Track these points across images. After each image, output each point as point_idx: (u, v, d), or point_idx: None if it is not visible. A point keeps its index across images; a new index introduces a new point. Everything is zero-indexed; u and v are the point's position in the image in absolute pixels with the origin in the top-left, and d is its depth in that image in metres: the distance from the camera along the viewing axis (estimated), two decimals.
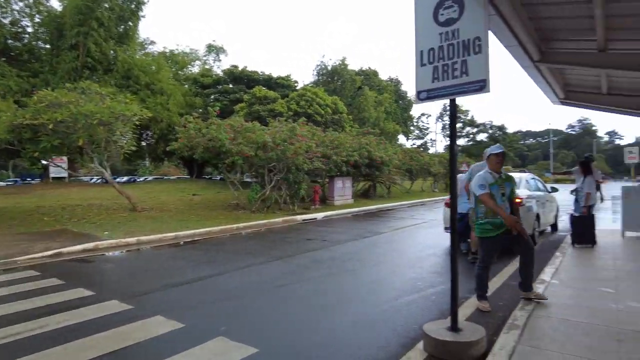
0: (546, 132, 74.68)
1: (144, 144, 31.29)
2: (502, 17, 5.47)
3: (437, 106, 74.35)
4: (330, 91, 35.60)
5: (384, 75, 53.19)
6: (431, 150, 56.79)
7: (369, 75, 47.82)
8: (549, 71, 8.87)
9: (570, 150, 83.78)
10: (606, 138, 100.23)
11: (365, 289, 5.54)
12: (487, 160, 4.61)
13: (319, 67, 41.90)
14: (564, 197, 11.11)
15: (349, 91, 39.77)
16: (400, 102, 53.91)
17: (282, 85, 32.56)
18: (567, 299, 4.55)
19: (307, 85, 33.91)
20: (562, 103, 11.69)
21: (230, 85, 33.13)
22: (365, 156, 19.27)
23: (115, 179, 31.72)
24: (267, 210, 14.39)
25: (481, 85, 3.22)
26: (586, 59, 7.29)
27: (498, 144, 4.77)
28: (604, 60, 7.29)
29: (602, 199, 8.75)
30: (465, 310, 4.47)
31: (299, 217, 13.44)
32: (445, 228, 8.77)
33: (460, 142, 67.67)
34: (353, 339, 3.78)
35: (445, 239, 8.71)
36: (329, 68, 41.09)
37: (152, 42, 36.46)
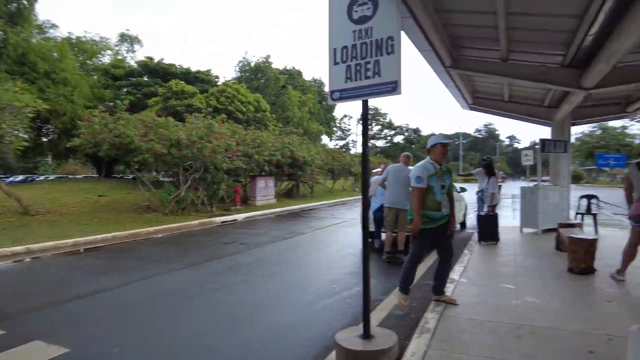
0: (456, 135, 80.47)
1: (44, 139, 28.14)
2: (416, 21, 5.58)
3: (359, 108, 76.46)
4: (253, 89, 34.91)
5: (307, 76, 53.68)
6: (352, 151, 58.29)
7: (293, 75, 47.85)
8: (460, 77, 9.40)
9: (477, 152, 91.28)
10: (507, 142, 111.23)
11: (281, 294, 5.32)
12: (431, 149, 4.31)
13: (242, 63, 41.01)
14: (473, 197, 11.86)
15: (272, 90, 39.41)
16: (323, 103, 54.63)
17: (201, 80, 31.21)
18: (474, 297, 4.72)
19: (229, 81, 32.83)
20: (471, 108, 12.54)
21: (145, 78, 30.99)
22: (288, 156, 19.13)
23: (7, 177, 28.21)
24: (182, 213, 13.56)
25: (393, 87, 3.14)
26: (491, 67, 7.81)
27: (441, 134, 4.63)
28: (506, 70, 7.86)
29: None
30: (380, 313, 4.44)
31: (218, 219, 12.84)
32: None
33: (379, 143, 70.57)
34: (265, 352, 3.53)
35: None
36: (252, 65, 40.36)
37: (54, 26, 32.32)
